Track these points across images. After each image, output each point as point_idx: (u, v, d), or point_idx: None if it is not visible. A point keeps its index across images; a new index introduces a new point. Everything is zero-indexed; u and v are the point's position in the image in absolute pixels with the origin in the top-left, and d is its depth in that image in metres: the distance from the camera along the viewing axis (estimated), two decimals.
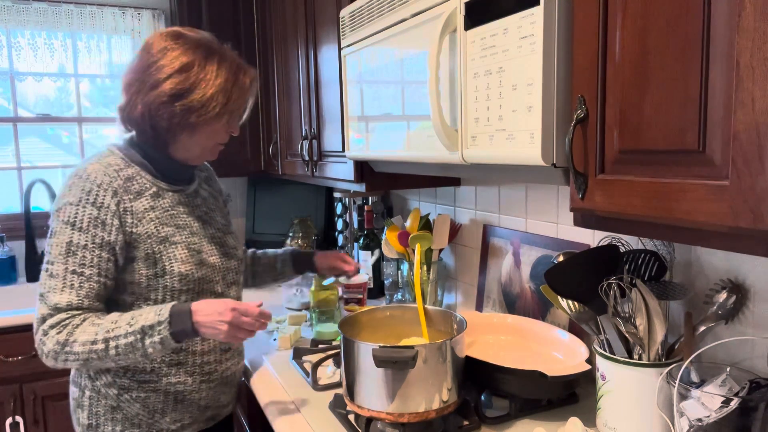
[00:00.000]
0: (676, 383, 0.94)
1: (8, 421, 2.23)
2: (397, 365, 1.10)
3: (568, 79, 0.90)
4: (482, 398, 1.32)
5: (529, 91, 0.92)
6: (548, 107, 0.90)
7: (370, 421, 1.21)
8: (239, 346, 1.45)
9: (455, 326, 1.32)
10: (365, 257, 2.23)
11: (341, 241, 2.55)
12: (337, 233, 2.61)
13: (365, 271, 2.19)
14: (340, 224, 2.55)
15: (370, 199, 2.36)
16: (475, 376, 1.27)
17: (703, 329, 1.04)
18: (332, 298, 1.84)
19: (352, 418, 1.27)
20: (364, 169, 1.71)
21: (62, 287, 1.17)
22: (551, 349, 1.42)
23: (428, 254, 1.85)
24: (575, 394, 1.33)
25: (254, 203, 2.99)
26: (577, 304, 1.22)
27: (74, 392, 1.34)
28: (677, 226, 0.76)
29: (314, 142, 2.01)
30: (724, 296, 1.05)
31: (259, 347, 1.76)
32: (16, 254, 2.69)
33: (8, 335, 2.23)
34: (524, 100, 0.93)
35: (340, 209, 2.55)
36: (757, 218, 0.64)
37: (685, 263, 1.17)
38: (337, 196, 2.50)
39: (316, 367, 1.45)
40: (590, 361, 1.23)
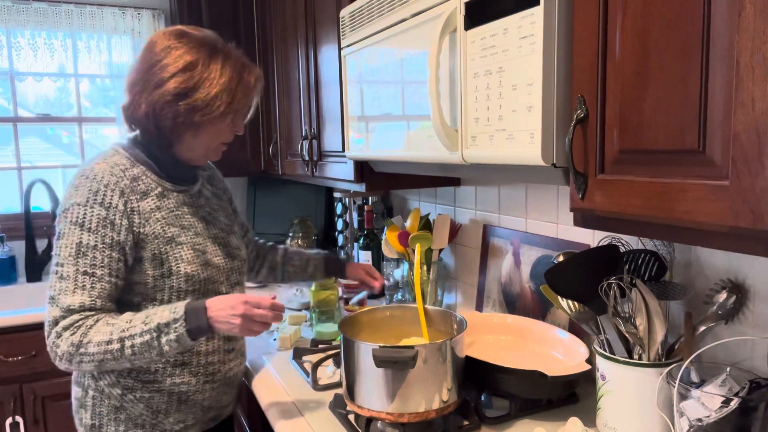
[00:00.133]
0: (676, 383, 0.94)
1: (8, 421, 2.23)
2: (397, 365, 1.10)
3: (568, 79, 0.90)
4: (482, 398, 1.32)
5: (529, 91, 0.92)
6: (548, 107, 0.90)
7: (370, 421, 1.21)
8: (242, 346, 1.44)
9: (455, 326, 1.32)
10: (365, 257, 2.23)
11: (341, 241, 2.55)
12: (337, 233, 2.61)
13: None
14: (340, 224, 2.55)
15: (370, 199, 2.36)
16: (475, 376, 1.27)
17: (703, 329, 1.04)
18: (332, 298, 1.84)
19: (352, 418, 1.27)
20: (364, 169, 1.71)
21: (74, 288, 1.16)
22: (551, 349, 1.42)
23: (428, 254, 1.85)
24: (575, 394, 1.33)
25: (254, 203, 2.99)
26: (577, 304, 1.22)
27: (77, 392, 1.33)
28: (677, 226, 0.76)
29: (314, 142, 2.01)
30: (724, 296, 1.05)
31: (259, 347, 1.76)
32: (16, 254, 2.69)
33: (8, 335, 2.23)
34: (524, 100, 0.93)
35: (340, 209, 2.55)
36: (757, 218, 0.64)
37: (685, 263, 1.17)
38: (337, 196, 2.50)
39: (316, 367, 1.45)
40: (590, 361, 1.23)
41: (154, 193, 1.27)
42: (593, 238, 1.38)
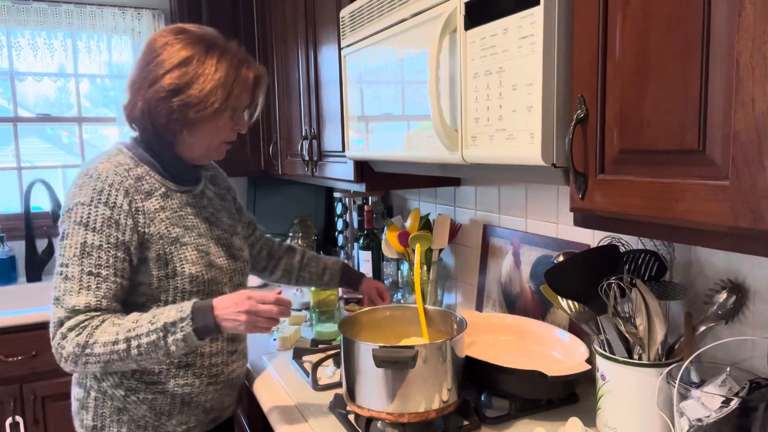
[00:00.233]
0: (676, 383, 0.94)
1: (8, 421, 2.23)
2: (397, 365, 1.10)
3: (568, 79, 0.90)
4: (482, 398, 1.32)
5: (529, 91, 0.92)
6: (548, 107, 0.90)
7: (370, 421, 1.21)
8: (244, 348, 1.43)
9: (455, 326, 1.32)
10: (365, 257, 2.23)
11: (341, 241, 2.55)
12: (337, 233, 2.61)
13: (365, 271, 2.19)
14: (340, 224, 2.55)
15: (370, 199, 2.36)
16: (475, 376, 1.27)
17: (703, 329, 1.04)
18: (332, 298, 1.84)
19: (352, 418, 1.27)
20: (364, 169, 1.71)
21: (79, 289, 1.14)
22: (551, 349, 1.42)
23: (428, 254, 1.85)
24: (575, 394, 1.33)
25: (254, 203, 2.99)
26: (577, 304, 1.22)
27: (78, 393, 1.32)
28: (677, 226, 0.76)
29: (314, 142, 2.01)
30: (724, 296, 1.05)
31: (259, 347, 1.76)
32: (16, 254, 2.69)
33: (8, 335, 2.23)
34: (524, 100, 0.93)
35: (340, 209, 2.55)
36: (757, 218, 0.64)
37: (685, 263, 1.17)
38: (337, 196, 2.50)
39: (316, 367, 1.45)
40: (590, 361, 1.23)
41: (158, 193, 1.26)
42: (593, 238, 1.38)
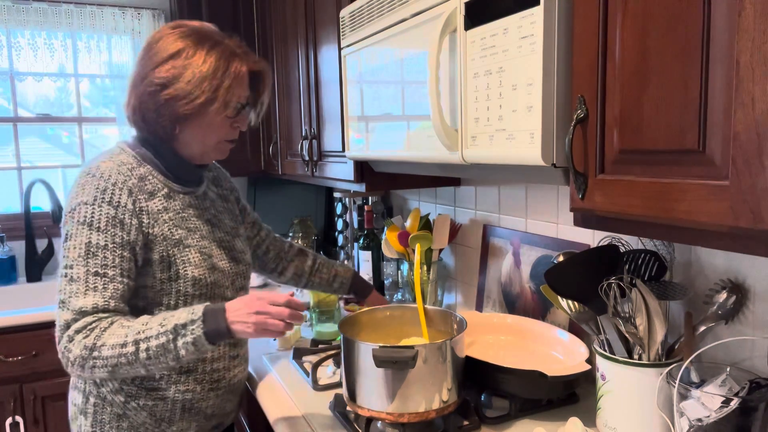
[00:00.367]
0: (676, 383, 0.94)
1: (8, 421, 2.23)
2: (397, 365, 1.10)
3: (568, 79, 0.90)
4: (482, 398, 1.32)
5: (529, 91, 0.92)
6: (548, 107, 0.90)
7: (370, 421, 1.21)
8: (245, 353, 1.40)
9: (455, 326, 1.32)
10: (365, 257, 2.23)
11: (341, 241, 2.55)
12: (337, 233, 2.61)
13: (365, 271, 2.19)
14: (340, 224, 2.55)
15: (370, 199, 2.36)
16: (475, 376, 1.27)
17: (703, 329, 1.04)
18: (332, 298, 1.84)
19: (352, 418, 1.27)
20: (364, 169, 1.71)
21: (85, 290, 1.10)
22: (551, 349, 1.42)
23: (428, 254, 1.85)
24: (575, 394, 1.33)
25: (254, 203, 2.99)
26: (577, 304, 1.22)
27: (76, 398, 1.28)
28: (677, 226, 0.76)
29: (314, 142, 2.01)
30: (724, 296, 1.05)
31: (259, 348, 1.76)
32: (16, 254, 2.69)
33: (8, 335, 2.23)
34: (524, 100, 0.93)
35: (340, 209, 2.55)
36: (757, 218, 0.64)
37: (685, 263, 1.17)
38: (337, 196, 2.50)
39: (316, 367, 1.45)
40: (590, 361, 1.23)
41: (160, 193, 1.23)
42: (593, 238, 1.38)
